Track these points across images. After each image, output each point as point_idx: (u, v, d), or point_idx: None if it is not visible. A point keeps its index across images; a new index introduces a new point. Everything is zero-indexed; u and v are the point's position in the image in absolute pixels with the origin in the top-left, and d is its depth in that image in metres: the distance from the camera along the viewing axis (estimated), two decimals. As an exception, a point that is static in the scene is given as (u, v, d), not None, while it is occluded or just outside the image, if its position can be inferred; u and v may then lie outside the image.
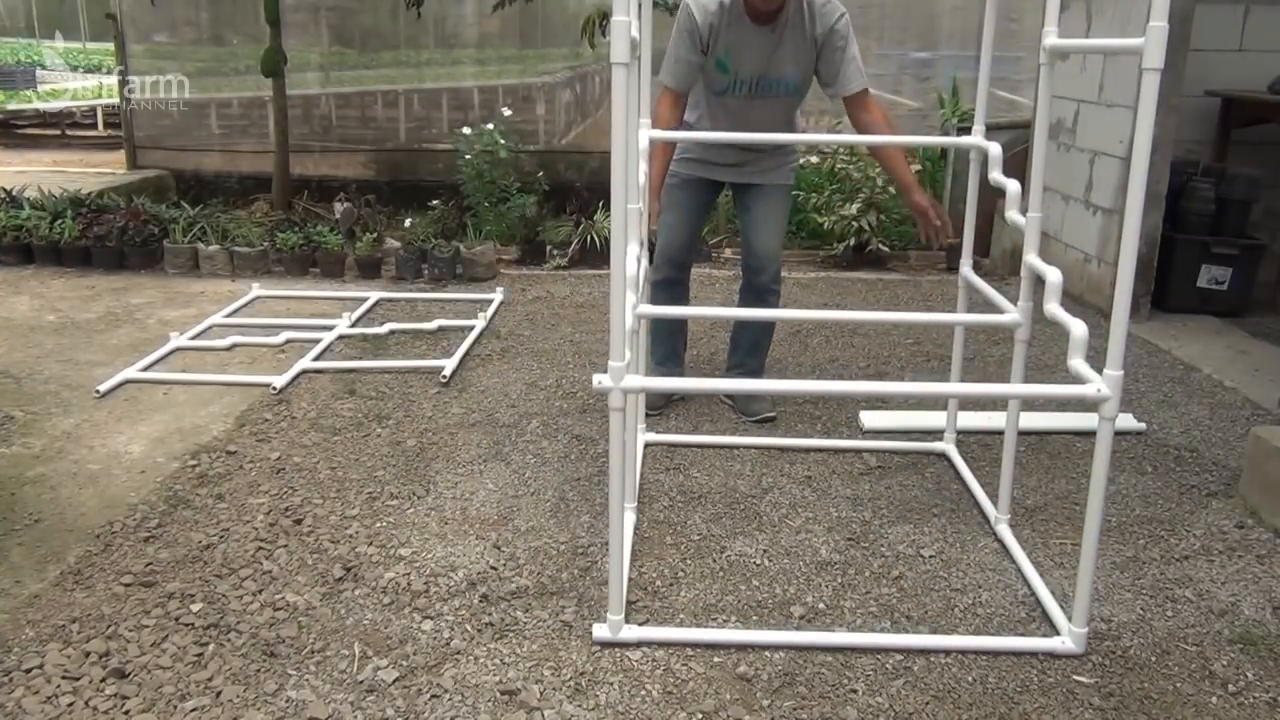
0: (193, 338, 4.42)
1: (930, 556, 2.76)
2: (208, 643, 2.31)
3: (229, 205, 6.96)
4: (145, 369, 4.03)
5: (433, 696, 2.15)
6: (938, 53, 7.43)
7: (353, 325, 4.62)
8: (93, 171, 7.75)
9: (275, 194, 6.67)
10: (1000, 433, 2.99)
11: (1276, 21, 5.16)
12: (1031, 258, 2.62)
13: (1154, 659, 2.34)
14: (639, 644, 2.33)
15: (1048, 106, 2.68)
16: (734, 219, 3.92)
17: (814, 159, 6.53)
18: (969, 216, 3.10)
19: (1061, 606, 2.46)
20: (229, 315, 4.78)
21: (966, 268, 3.13)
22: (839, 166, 6.28)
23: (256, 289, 5.17)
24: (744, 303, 3.78)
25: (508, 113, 6.63)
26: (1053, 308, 2.41)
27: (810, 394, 3.89)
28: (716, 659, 2.30)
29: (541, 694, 2.16)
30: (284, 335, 4.44)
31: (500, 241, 5.91)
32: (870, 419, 3.64)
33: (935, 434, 3.47)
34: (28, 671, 2.20)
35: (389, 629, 2.38)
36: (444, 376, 3.98)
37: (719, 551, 2.77)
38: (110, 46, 8.19)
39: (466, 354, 4.26)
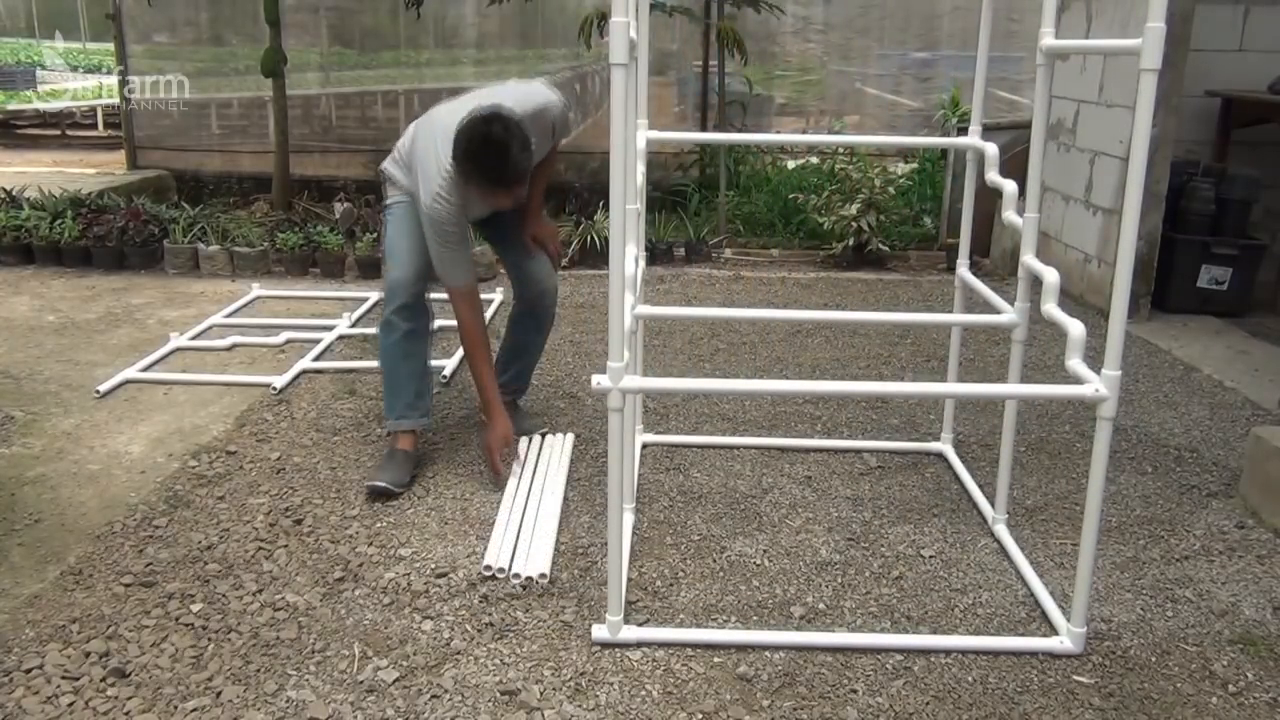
0: (193, 338, 4.42)
1: (930, 556, 2.76)
2: (208, 643, 2.31)
3: (229, 205, 6.96)
4: (145, 369, 4.03)
5: (433, 697, 2.15)
6: (938, 53, 7.44)
7: (353, 325, 4.62)
8: (93, 171, 7.75)
9: (275, 194, 6.67)
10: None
11: (1276, 21, 5.17)
12: (1029, 258, 2.62)
13: (1154, 659, 2.34)
14: (639, 644, 2.33)
15: (1046, 107, 2.68)
16: (498, 250, 3.60)
17: (814, 159, 6.53)
18: (966, 217, 3.10)
19: (1061, 607, 2.46)
20: (229, 315, 4.78)
21: (964, 268, 3.13)
22: (839, 167, 6.29)
23: (256, 289, 5.17)
24: (521, 328, 3.47)
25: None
26: (1050, 308, 2.41)
27: (810, 394, 3.89)
28: (716, 659, 2.30)
29: (541, 694, 2.16)
30: (284, 335, 4.44)
31: (500, 242, 5.91)
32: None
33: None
34: (28, 671, 2.20)
35: (389, 629, 2.38)
36: (444, 377, 3.98)
37: (719, 551, 2.77)
38: (110, 46, 8.19)
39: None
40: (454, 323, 3.15)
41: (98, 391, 3.78)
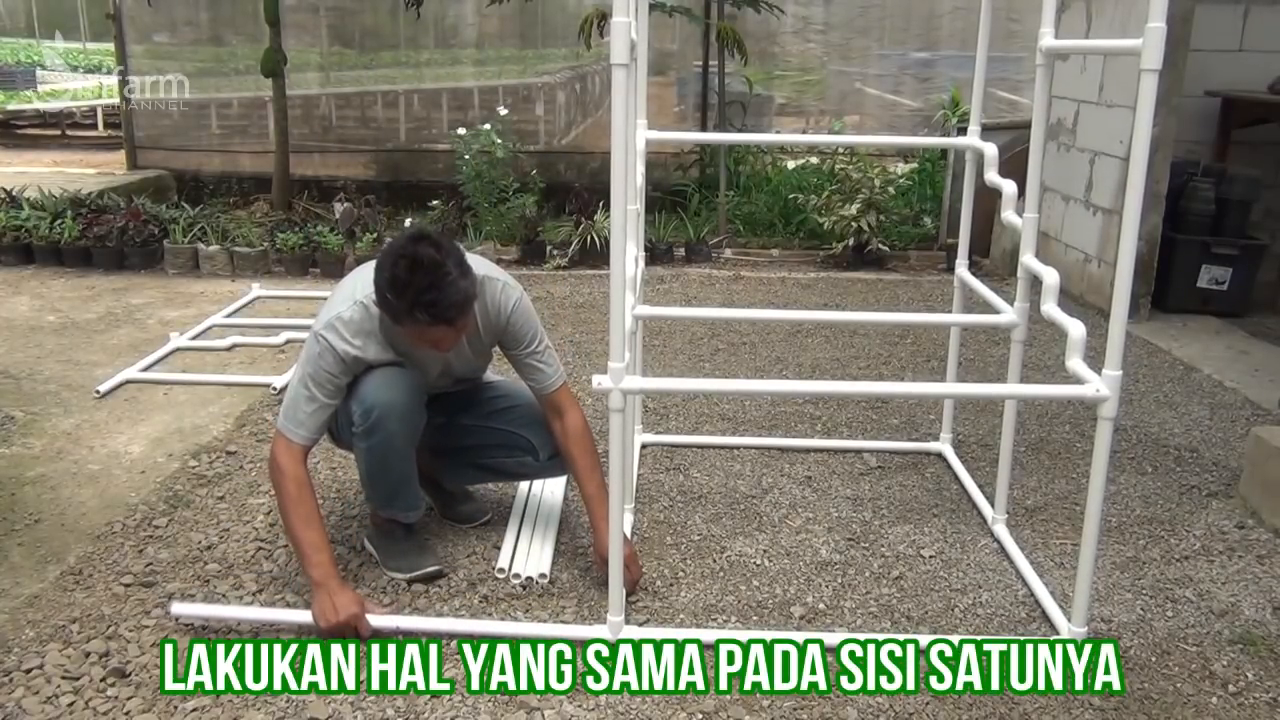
0: (193, 338, 4.42)
1: (930, 556, 2.76)
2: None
3: (229, 206, 6.96)
4: (145, 369, 4.03)
5: (433, 696, 2.15)
6: (938, 53, 7.44)
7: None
8: (93, 172, 7.76)
9: (275, 194, 6.67)
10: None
11: (1276, 21, 5.17)
12: (1028, 258, 2.62)
13: (1154, 659, 2.34)
14: (638, 644, 2.32)
15: (1045, 108, 2.68)
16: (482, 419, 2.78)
17: (814, 159, 6.53)
18: (965, 217, 3.10)
19: (1061, 607, 2.46)
20: (229, 315, 4.78)
21: (963, 268, 3.13)
22: (839, 167, 6.28)
23: (256, 289, 5.17)
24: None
25: (503, 112, 6.63)
26: (1050, 308, 2.41)
27: (810, 394, 3.89)
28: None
29: (541, 694, 2.16)
30: (284, 335, 4.44)
31: (500, 241, 5.92)
32: None
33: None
34: (28, 671, 2.20)
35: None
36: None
37: (719, 551, 2.77)
38: (110, 46, 8.19)
39: (466, 354, 4.26)
40: None
41: (98, 391, 3.78)
